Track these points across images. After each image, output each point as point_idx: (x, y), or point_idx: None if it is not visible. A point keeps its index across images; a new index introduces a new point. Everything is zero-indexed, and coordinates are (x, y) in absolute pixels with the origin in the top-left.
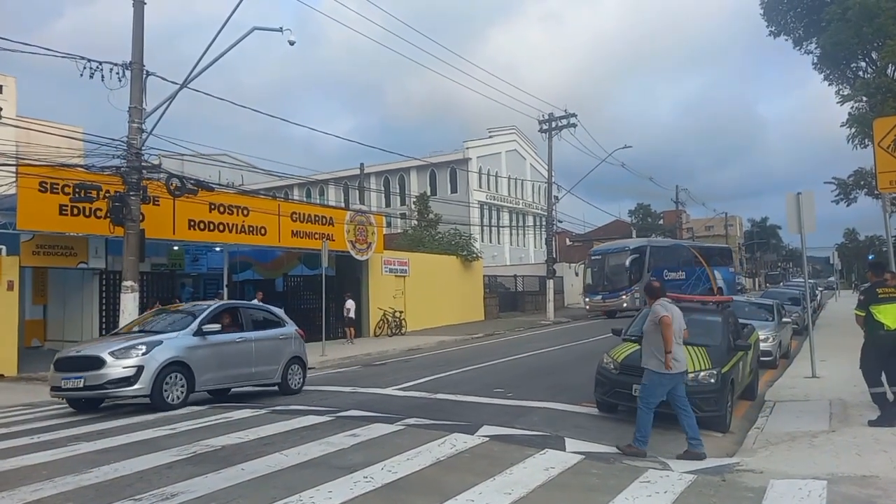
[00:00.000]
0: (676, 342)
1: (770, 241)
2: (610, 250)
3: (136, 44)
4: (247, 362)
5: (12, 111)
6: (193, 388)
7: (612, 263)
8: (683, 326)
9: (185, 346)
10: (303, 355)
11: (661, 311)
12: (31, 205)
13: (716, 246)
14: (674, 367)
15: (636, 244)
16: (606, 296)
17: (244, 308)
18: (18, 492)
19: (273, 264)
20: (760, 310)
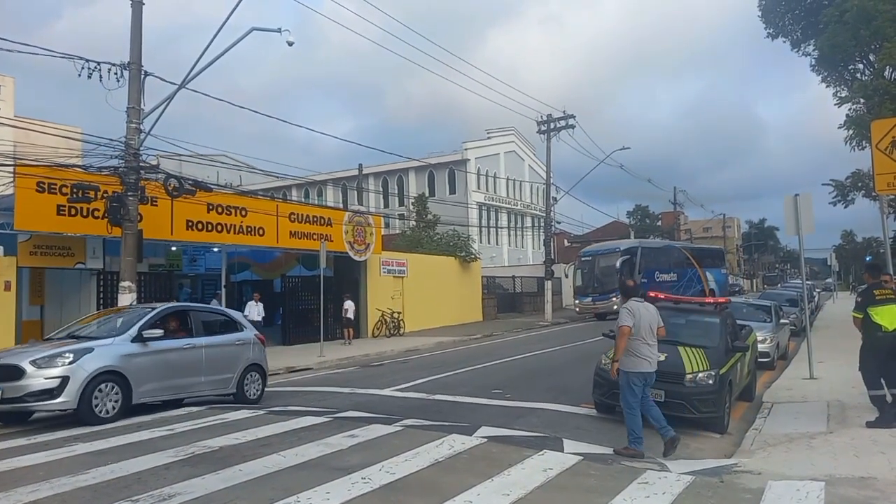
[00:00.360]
0: (648, 341)
1: (768, 243)
2: (600, 251)
3: (134, 44)
4: (195, 371)
5: (10, 111)
6: (130, 399)
7: (603, 265)
8: (659, 324)
9: (121, 354)
10: (262, 362)
11: (623, 318)
12: (28, 205)
13: (708, 247)
14: (642, 367)
15: (627, 245)
16: (597, 298)
17: (195, 311)
18: (14, 493)
19: (271, 265)
20: (758, 311)
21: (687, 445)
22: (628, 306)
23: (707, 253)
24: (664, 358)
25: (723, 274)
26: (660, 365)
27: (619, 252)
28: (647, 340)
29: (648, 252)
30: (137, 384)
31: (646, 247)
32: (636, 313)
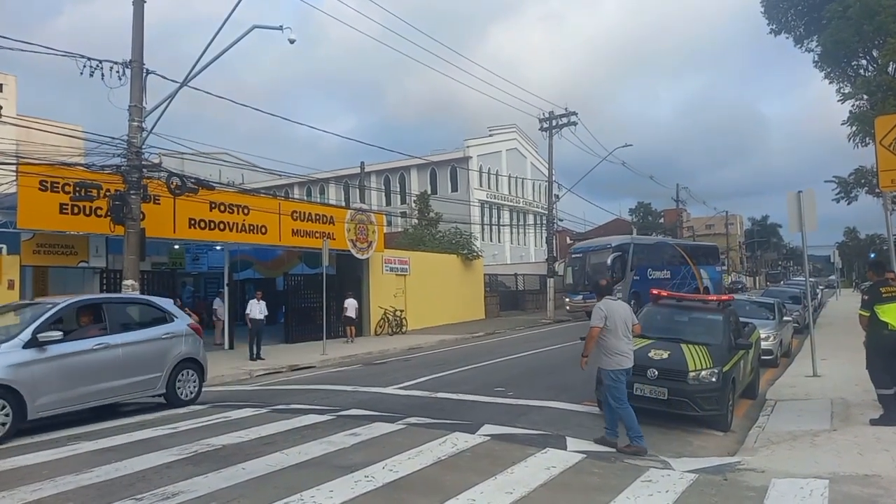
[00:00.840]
0: (623, 338)
1: (771, 240)
2: (591, 248)
3: (135, 42)
4: (111, 373)
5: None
6: (25, 416)
7: (594, 262)
8: (633, 322)
9: (9, 365)
10: (198, 356)
11: (594, 318)
12: (31, 203)
13: (702, 244)
14: (623, 364)
15: (618, 241)
16: (587, 296)
17: (110, 304)
18: (18, 491)
19: (274, 263)
20: (761, 308)
21: (690, 443)
22: (601, 305)
23: (701, 250)
24: (667, 356)
25: (718, 271)
26: (663, 362)
27: (610, 249)
28: (623, 337)
29: (641, 249)
30: (33, 397)
31: (638, 243)
32: (609, 312)
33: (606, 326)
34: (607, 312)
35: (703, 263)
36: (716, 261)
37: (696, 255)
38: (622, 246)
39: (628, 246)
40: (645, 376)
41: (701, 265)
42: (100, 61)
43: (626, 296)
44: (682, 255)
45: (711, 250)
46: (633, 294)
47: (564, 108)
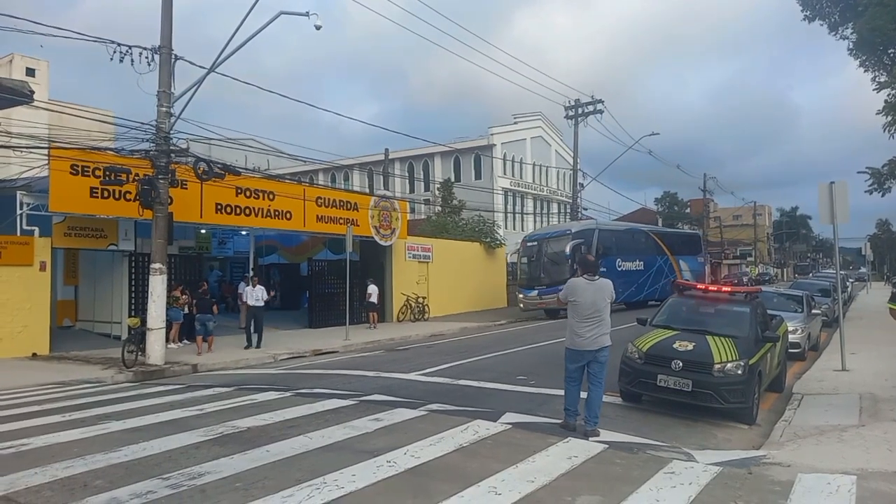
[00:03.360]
0: (585, 320)
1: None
2: (548, 235)
3: (164, 28)
4: None
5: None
6: None
7: (551, 251)
8: (599, 305)
9: None
10: None
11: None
12: (62, 187)
13: (682, 231)
14: (574, 344)
15: (580, 227)
16: (543, 291)
17: None
18: (50, 468)
19: (298, 248)
20: (789, 301)
21: (714, 436)
22: (570, 282)
23: (681, 238)
24: (692, 347)
25: (699, 262)
26: (687, 354)
27: (569, 235)
28: (585, 319)
29: (608, 236)
30: None
31: (604, 229)
32: (574, 292)
33: (571, 303)
34: (571, 290)
35: (683, 253)
36: (697, 251)
37: (675, 245)
38: (584, 233)
39: (592, 233)
40: (669, 368)
41: (680, 255)
42: (129, 47)
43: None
44: (659, 243)
45: (692, 239)
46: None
47: (591, 95)
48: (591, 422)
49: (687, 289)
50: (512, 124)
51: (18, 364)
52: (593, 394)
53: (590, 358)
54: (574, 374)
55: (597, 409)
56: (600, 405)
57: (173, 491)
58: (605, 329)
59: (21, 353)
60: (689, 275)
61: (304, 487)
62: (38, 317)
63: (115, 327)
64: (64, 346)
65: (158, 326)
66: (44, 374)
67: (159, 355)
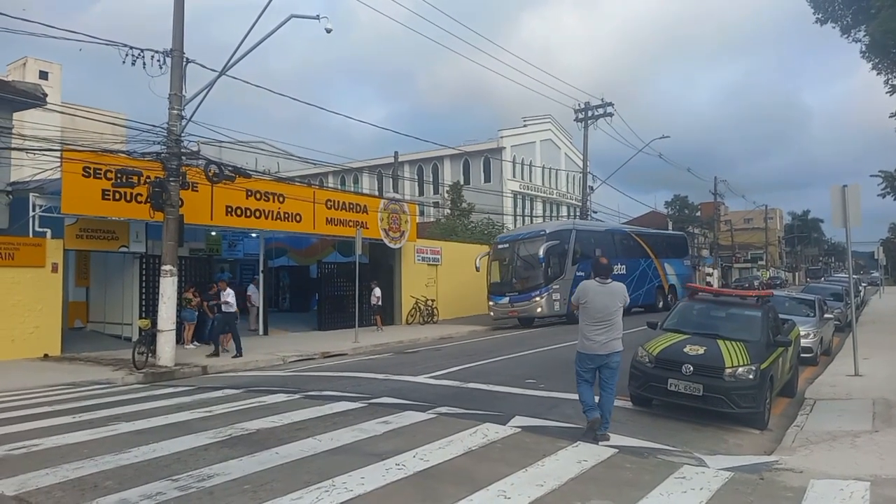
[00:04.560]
0: (595, 324)
1: (811, 235)
2: (521, 236)
3: (176, 31)
4: None
5: (57, 97)
6: None
7: (524, 254)
8: (610, 309)
9: None
10: None
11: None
12: (74, 189)
13: (667, 233)
14: (584, 348)
15: (556, 228)
16: (515, 298)
17: None
18: (60, 469)
19: (308, 251)
20: (801, 305)
21: (725, 441)
22: (581, 285)
23: (665, 240)
24: (703, 351)
25: (685, 266)
26: (698, 358)
27: (543, 236)
28: (594, 323)
29: (586, 237)
30: None
31: (582, 230)
32: (585, 295)
33: (582, 306)
34: (582, 293)
35: (668, 256)
36: (683, 253)
37: (660, 247)
38: (560, 233)
39: (568, 233)
40: (680, 372)
41: (665, 259)
42: (141, 50)
43: (568, 295)
44: (642, 246)
45: (678, 241)
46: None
47: (601, 98)
48: (602, 426)
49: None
50: (521, 127)
51: (30, 365)
52: (604, 399)
53: (601, 362)
54: (585, 374)
55: (608, 414)
56: (611, 410)
57: (182, 493)
58: (616, 334)
59: (33, 354)
60: (674, 279)
61: (312, 490)
62: (50, 318)
63: (126, 329)
64: (75, 348)
65: (169, 328)
66: (55, 374)
67: (169, 357)
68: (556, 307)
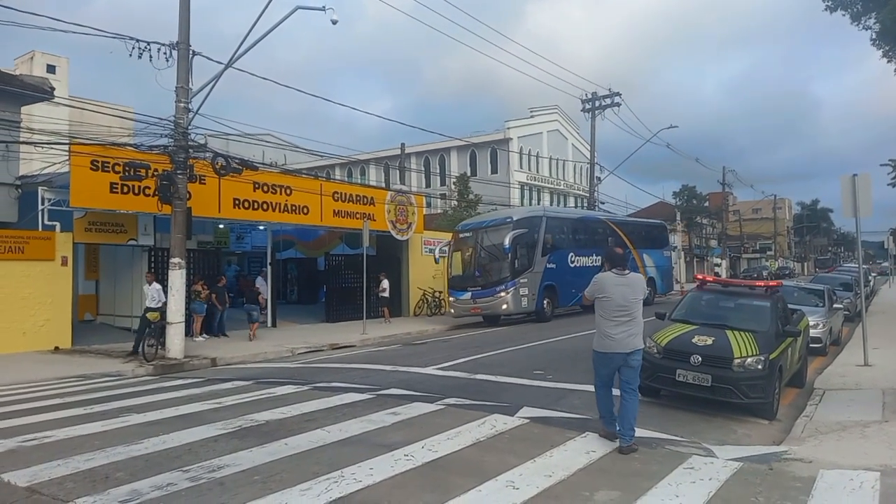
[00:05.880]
0: (614, 319)
1: (821, 225)
2: (485, 224)
3: (182, 24)
4: None
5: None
6: None
7: (488, 243)
8: (630, 302)
9: None
10: None
11: (588, 288)
12: (83, 183)
13: (646, 221)
14: (603, 346)
15: (524, 215)
16: (478, 293)
17: None
18: (72, 460)
19: (315, 243)
20: (810, 295)
21: (734, 431)
22: (597, 277)
23: (644, 229)
24: (711, 342)
25: (666, 257)
26: (707, 349)
27: (510, 224)
28: (612, 318)
29: (557, 225)
30: None
31: (553, 217)
32: (603, 288)
33: (599, 301)
34: (598, 286)
35: (647, 247)
36: (663, 244)
37: (638, 237)
38: (529, 221)
39: (539, 221)
40: (688, 362)
41: (644, 249)
42: (148, 43)
43: (537, 290)
44: (619, 235)
45: (658, 229)
46: (547, 288)
47: (608, 88)
48: (626, 436)
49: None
50: (528, 118)
51: (41, 357)
52: (627, 403)
53: (620, 362)
54: (605, 378)
55: (632, 419)
56: (636, 415)
57: (193, 483)
58: (637, 329)
59: (43, 347)
60: (653, 271)
61: (321, 480)
62: (60, 311)
63: (136, 321)
64: (85, 340)
65: (178, 321)
66: (65, 367)
67: (179, 349)
68: (524, 303)
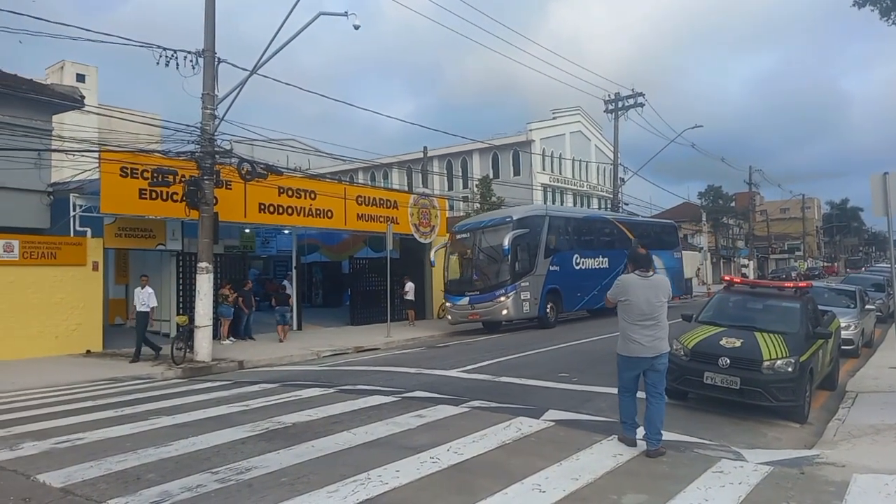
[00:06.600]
0: (640, 322)
1: (851, 225)
2: (483, 224)
3: (207, 32)
4: None
5: (94, 99)
6: None
7: (487, 245)
8: (654, 305)
9: None
10: None
11: (610, 291)
12: (113, 189)
13: (655, 221)
14: (628, 350)
15: (525, 214)
16: (476, 298)
17: None
18: (105, 462)
19: (339, 247)
20: (841, 296)
21: (764, 435)
22: (620, 279)
23: (653, 229)
24: (740, 344)
25: (676, 259)
26: (735, 351)
27: (510, 224)
28: (637, 322)
29: (561, 225)
30: None
31: (557, 216)
32: (626, 290)
33: (622, 304)
34: (622, 289)
35: (656, 248)
36: (673, 244)
37: (647, 237)
38: (530, 221)
39: (541, 221)
40: (716, 365)
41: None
42: (174, 51)
43: (539, 294)
44: (627, 235)
45: (668, 230)
46: (550, 293)
47: (631, 88)
48: (653, 441)
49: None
50: (550, 119)
51: (73, 361)
52: (653, 407)
53: (646, 366)
54: (629, 383)
55: (658, 423)
56: (663, 419)
57: (222, 485)
58: (662, 332)
59: (75, 350)
60: (663, 273)
61: (348, 483)
62: (92, 315)
63: (164, 325)
64: (116, 344)
65: (206, 324)
66: (97, 370)
67: (207, 352)
68: (526, 308)
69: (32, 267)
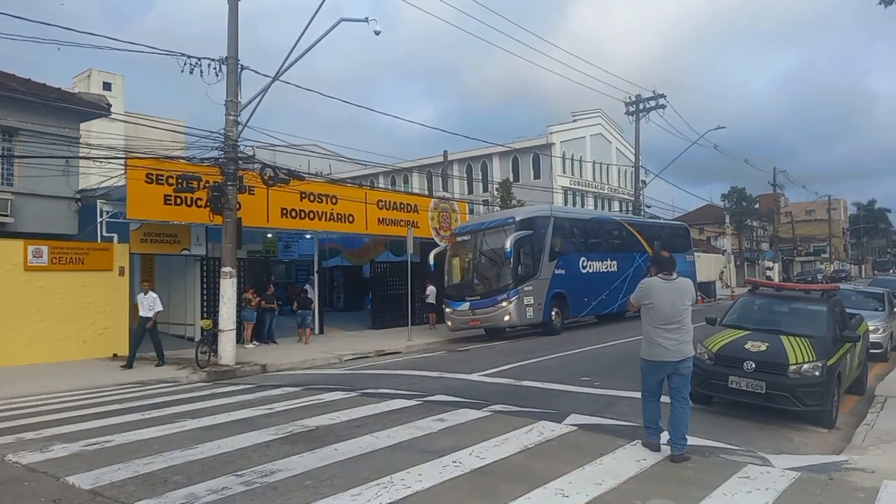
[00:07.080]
0: (664, 325)
1: (878, 226)
2: (485, 226)
3: (231, 39)
4: None
5: (120, 107)
6: None
7: (487, 248)
8: (679, 308)
9: None
10: None
11: (633, 294)
12: (138, 195)
13: (666, 223)
14: (653, 354)
15: (528, 215)
16: (477, 303)
17: None
18: (132, 464)
19: (360, 251)
20: (869, 299)
21: (791, 440)
22: (644, 282)
23: (664, 231)
24: (765, 348)
25: (688, 262)
26: (760, 355)
27: (513, 225)
28: (661, 326)
29: (567, 227)
30: None
31: (562, 217)
32: (650, 294)
33: (645, 307)
34: (645, 292)
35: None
36: (685, 247)
37: (657, 239)
38: (534, 221)
39: (545, 222)
40: (741, 369)
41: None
42: (198, 59)
43: (544, 299)
44: (637, 237)
45: (679, 232)
46: (555, 297)
47: (652, 90)
48: (677, 445)
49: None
50: (571, 122)
51: (100, 364)
52: (678, 411)
53: (670, 370)
54: (653, 388)
55: (683, 428)
56: (687, 424)
57: (247, 487)
58: (687, 336)
59: (102, 354)
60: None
61: (372, 486)
62: (118, 319)
63: (189, 329)
64: (141, 348)
65: (229, 328)
66: (123, 374)
67: (231, 356)
68: (529, 314)
69: (61, 272)
